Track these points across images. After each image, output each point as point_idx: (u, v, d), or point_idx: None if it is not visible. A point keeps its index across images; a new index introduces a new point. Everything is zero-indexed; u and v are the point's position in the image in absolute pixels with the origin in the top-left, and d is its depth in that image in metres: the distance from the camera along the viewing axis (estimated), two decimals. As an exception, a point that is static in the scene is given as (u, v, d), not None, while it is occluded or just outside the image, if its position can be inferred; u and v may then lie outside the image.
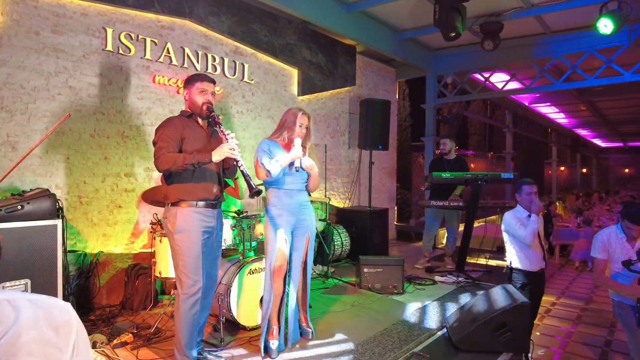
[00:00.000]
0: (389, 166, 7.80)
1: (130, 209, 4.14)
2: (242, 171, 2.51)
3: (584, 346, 3.94)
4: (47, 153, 3.62)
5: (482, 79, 7.51)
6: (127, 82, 4.11)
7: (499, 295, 3.25)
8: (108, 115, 3.99)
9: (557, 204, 10.90)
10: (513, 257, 3.87)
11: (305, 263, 3.10)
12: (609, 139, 21.61)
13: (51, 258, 2.94)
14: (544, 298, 4.14)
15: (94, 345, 2.89)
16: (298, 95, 5.85)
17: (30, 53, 3.52)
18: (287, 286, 3.05)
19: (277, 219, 2.91)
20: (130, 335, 3.03)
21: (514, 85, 7.69)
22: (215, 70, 4.82)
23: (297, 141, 2.86)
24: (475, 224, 5.79)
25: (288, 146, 2.95)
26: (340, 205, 6.63)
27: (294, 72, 5.80)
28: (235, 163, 2.55)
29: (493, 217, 9.85)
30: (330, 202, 6.36)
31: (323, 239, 4.85)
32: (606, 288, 3.49)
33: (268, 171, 2.78)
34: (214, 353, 2.81)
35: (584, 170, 24.18)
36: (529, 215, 3.75)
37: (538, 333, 4.18)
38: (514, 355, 3.05)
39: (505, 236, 3.83)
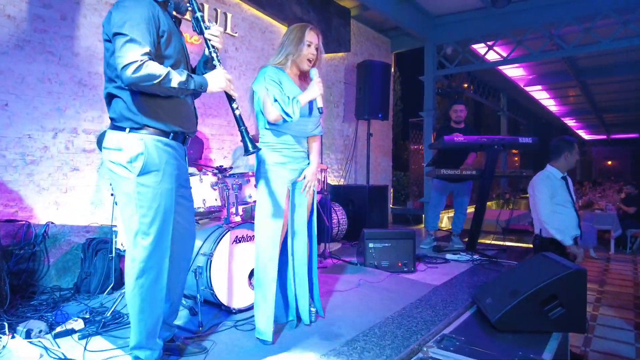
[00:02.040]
0: (384, 144, 7.21)
1: (89, 172, 3.42)
2: (237, 117, 1.83)
3: (613, 330, 3.42)
4: (-22, 96, 2.88)
5: (482, 53, 6.99)
6: (85, 20, 3.39)
7: (542, 264, 2.67)
8: (62, 57, 3.27)
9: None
10: (544, 225, 3.34)
11: (309, 223, 2.47)
12: (593, 130, 21.64)
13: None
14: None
15: (27, 335, 2.18)
16: (288, 56, 5.19)
17: (-45, -32, 2.78)
18: (291, 255, 2.41)
19: (280, 168, 2.26)
20: (80, 320, 2.33)
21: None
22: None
23: (315, 73, 2.22)
24: (470, 209, 5.27)
25: (299, 77, 2.31)
26: (335, 183, 6.00)
27: (282, 29, 5.14)
28: (229, 101, 1.86)
29: (489, 203, 9.43)
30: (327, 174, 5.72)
31: (321, 212, 4.22)
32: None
33: (286, 114, 2.10)
34: (192, 341, 2.14)
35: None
36: (564, 177, 3.28)
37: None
38: (564, 335, 2.48)
39: (542, 198, 3.30)
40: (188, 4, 1.85)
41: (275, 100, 2.12)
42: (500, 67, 8.94)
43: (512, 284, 2.66)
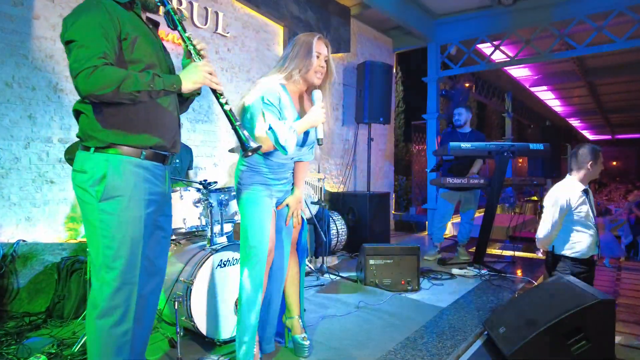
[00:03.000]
0: (387, 148, 6.93)
1: (67, 184, 3.16)
2: (227, 113, 1.56)
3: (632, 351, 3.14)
4: (-61, 104, 2.62)
5: (488, 53, 6.69)
6: (60, 19, 3.11)
7: (563, 290, 2.40)
8: (34, 60, 3.00)
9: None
10: (559, 240, 3.08)
11: (298, 245, 2.21)
12: (598, 131, 21.31)
13: None
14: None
15: (-18, 376, 1.92)
16: (284, 57, 4.91)
17: None
18: (272, 277, 2.14)
19: (263, 188, 2.01)
20: (44, 357, 2.07)
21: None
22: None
23: (318, 95, 1.94)
24: (478, 214, 5.00)
25: (300, 97, 2.04)
26: (334, 190, 5.73)
27: (278, 29, 4.87)
28: (215, 97, 1.58)
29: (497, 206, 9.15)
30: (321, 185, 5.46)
31: (318, 225, 3.95)
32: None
33: (281, 147, 1.83)
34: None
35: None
36: (585, 190, 3.01)
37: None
38: (590, 372, 2.21)
39: (549, 213, 3.05)
40: (157, 1, 1.58)
41: (270, 129, 1.84)
42: (506, 68, 8.66)
43: (528, 311, 2.39)
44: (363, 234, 4.90)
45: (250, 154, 1.58)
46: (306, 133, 1.99)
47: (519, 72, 9.54)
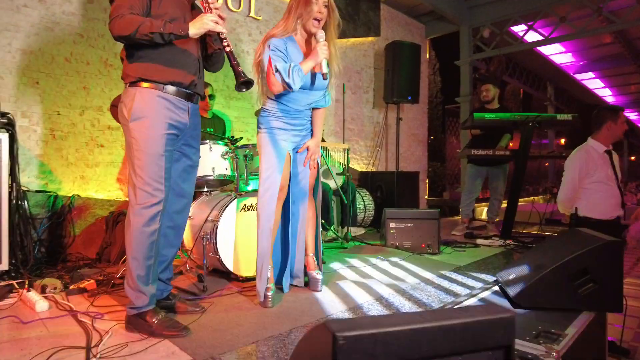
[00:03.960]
0: (419, 132, 6.98)
1: (114, 149, 3.54)
2: (227, 53, 1.86)
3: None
4: (11, 74, 3.05)
5: (521, 35, 6.58)
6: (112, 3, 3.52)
7: (573, 238, 2.43)
8: (88, 38, 3.41)
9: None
10: (581, 202, 3.08)
11: (313, 189, 2.40)
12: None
13: (-7, 183, 2.35)
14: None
15: (42, 290, 2.27)
16: (314, 40, 5.14)
17: (-9, -46, 2.97)
18: (291, 219, 2.35)
19: (281, 132, 2.22)
20: (93, 281, 2.40)
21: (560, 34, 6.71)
22: None
23: (321, 35, 2.10)
24: (522, 201, 4.93)
25: (308, 43, 2.22)
26: (364, 170, 5.87)
27: (309, 13, 5.10)
28: (219, 40, 1.87)
29: (536, 197, 8.86)
30: (351, 165, 5.62)
31: (343, 194, 4.12)
32: None
33: (287, 84, 2.03)
34: (189, 301, 2.12)
35: (633, 158, 22.42)
36: (607, 151, 3.00)
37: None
38: (599, 315, 2.23)
39: (569, 175, 3.07)
40: None
41: (277, 71, 2.04)
42: (545, 53, 8.41)
43: (538, 258, 2.45)
44: (391, 211, 5.00)
45: (244, 88, 1.81)
46: (315, 76, 2.18)
47: (561, 58, 9.20)
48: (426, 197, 7.12)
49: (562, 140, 13.07)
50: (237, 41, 4.40)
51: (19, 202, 2.70)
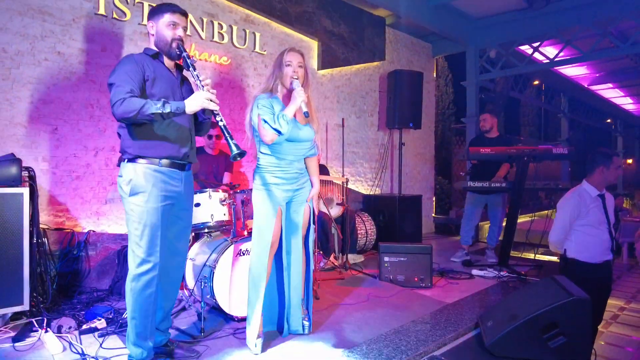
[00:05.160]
0: (426, 152, 7.08)
1: (126, 186, 3.80)
2: (221, 127, 2.04)
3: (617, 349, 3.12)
4: (33, 122, 3.35)
5: (529, 53, 6.60)
6: (123, 50, 3.79)
7: (547, 288, 2.55)
8: (102, 84, 3.68)
9: (624, 199, 9.61)
10: (570, 244, 3.16)
11: (305, 239, 2.58)
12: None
13: (16, 231, 2.63)
14: (609, 302, 3.35)
15: (58, 330, 2.53)
16: (318, 69, 5.33)
17: (14, 15, 3.26)
18: (286, 270, 2.54)
19: (273, 188, 2.41)
20: (103, 320, 2.65)
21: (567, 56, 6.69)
22: (223, 38, 4.42)
23: (296, 83, 2.32)
24: (523, 219, 5.00)
25: (289, 98, 2.44)
26: (368, 192, 6.03)
27: (313, 44, 5.29)
28: (212, 115, 2.09)
29: (544, 212, 8.82)
30: (356, 189, 5.78)
31: (340, 224, 4.30)
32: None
33: (275, 130, 2.26)
34: (187, 345, 2.35)
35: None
36: (601, 195, 3.03)
37: (602, 342, 3.38)
38: (568, 365, 2.35)
39: (560, 217, 3.14)
40: (177, 50, 2.11)
41: (265, 122, 2.28)
42: (558, 68, 8.36)
43: (514, 307, 2.57)
44: (393, 235, 5.16)
45: (238, 158, 2.01)
46: (301, 129, 2.39)
47: (574, 71, 9.12)
48: (433, 214, 7.21)
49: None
50: (243, 76, 4.62)
51: (39, 241, 2.98)
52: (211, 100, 1.98)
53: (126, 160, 2.06)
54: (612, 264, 3.15)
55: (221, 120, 2.04)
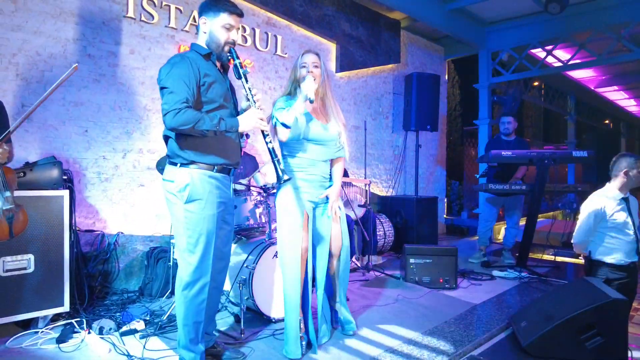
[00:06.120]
0: (438, 153, 7.13)
1: (153, 187, 3.84)
2: (270, 150, 2.02)
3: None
4: (64, 124, 3.37)
5: (542, 57, 6.66)
6: (150, 52, 3.82)
7: (582, 289, 2.60)
8: (130, 86, 3.71)
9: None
10: (595, 246, 3.21)
11: (339, 249, 2.58)
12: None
13: (57, 233, 2.67)
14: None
15: (100, 331, 2.56)
16: (336, 72, 5.37)
17: (47, 18, 3.29)
18: (316, 273, 2.55)
19: (297, 192, 2.38)
20: (142, 322, 2.68)
21: (581, 59, 6.76)
22: (246, 41, 4.45)
23: (309, 77, 2.31)
24: (541, 217, 5.06)
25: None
26: (383, 194, 6.07)
27: (331, 47, 5.33)
28: (263, 136, 2.05)
29: (549, 214, 8.87)
30: (371, 189, 5.82)
31: (363, 226, 4.34)
32: None
33: (282, 124, 2.25)
34: (232, 347, 2.38)
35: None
36: (624, 198, 3.08)
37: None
38: (605, 366, 2.40)
39: (584, 219, 3.18)
40: (229, 54, 2.08)
41: (276, 119, 2.30)
42: (565, 70, 8.42)
43: (548, 308, 2.62)
44: (410, 236, 5.21)
45: (282, 182, 2.02)
46: (324, 127, 2.40)
47: (582, 74, 9.19)
48: (445, 216, 7.26)
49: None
50: (265, 79, 4.65)
51: (75, 243, 3.01)
52: (262, 120, 1.99)
53: (179, 164, 2.00)
54: (638, 265, 3.21)
55: (270, 142, 2.03)
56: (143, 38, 3.78)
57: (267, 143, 2.04)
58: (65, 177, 2.81)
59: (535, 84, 9.29)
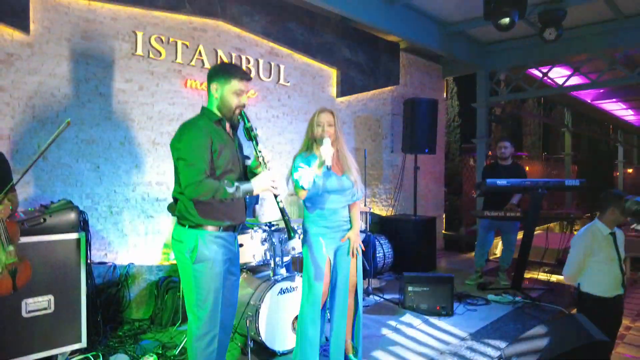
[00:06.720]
0: (436, 170, 7.28)
1: (161, 219, 4.00)
2: (281, 208, 2.16)
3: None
4: (77, 162, 3.53)
5: (539, 75, 6.83)
6: (158, 88, 3.97)
7: (568, 328, 2.75)
8: (139, 122, 3.87)
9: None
10: (584, 279, 3.35)
11: (355, 285, 2.76)
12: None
13: (75, 273, 2.82)
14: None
15: (115, 367, 2.72)
16: (337, 97, 5.52)
17: (61, 60, 3.45)
18: (333, 312, 2.71)
19: (320, 238, 2.60)
20: (155, 356, 2.84)
21: (576, 80, 6.92)
22: (250, 72, 4.60)
23: (326, 140, 2.47)
24: (538, 229, 5.20)
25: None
26: (383, 214, 6.23)
27: (332, 72, 5.48)
28: (274, 197, 2.18)
29: (552, 225, 9.02)
30: (372, 211, 5.98)
31: (363, 253, 4.48)
32: None
33: (301, 186, 2.45)
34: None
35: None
36: (612, 233, 3.21)
37: (612, 366, 3.58)
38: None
39: (573, 253, 3.33)
40: (239, 117, 2.19)
41: (295, 180, 2.48)
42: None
43: (535, 344, 2.77)
44: (408, 257, 5.36)
45: (292, 239, 2.17)
46: (340, 179, 2.58)
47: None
48: (443, 231, 7.42)
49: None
50: (269, 107, 4.80)
51: (89, 276, 3.16)
52: (274, 181, 2.11)
53: (187, 226, 2.12)
54: (623, 298, 3.36)
55: (281, 202, 2.16)
56: (151, 74, 3.93)
57: (277, 203, 2.17)
58: (82, 220, 2.97)
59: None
